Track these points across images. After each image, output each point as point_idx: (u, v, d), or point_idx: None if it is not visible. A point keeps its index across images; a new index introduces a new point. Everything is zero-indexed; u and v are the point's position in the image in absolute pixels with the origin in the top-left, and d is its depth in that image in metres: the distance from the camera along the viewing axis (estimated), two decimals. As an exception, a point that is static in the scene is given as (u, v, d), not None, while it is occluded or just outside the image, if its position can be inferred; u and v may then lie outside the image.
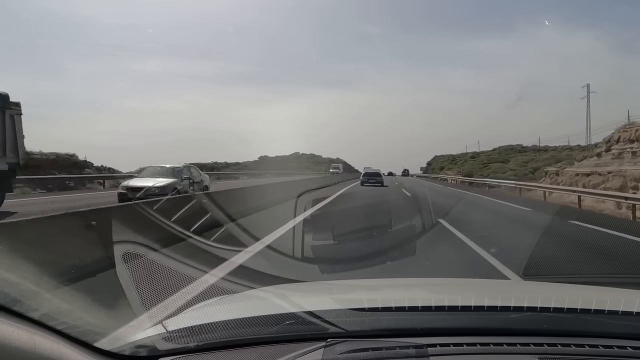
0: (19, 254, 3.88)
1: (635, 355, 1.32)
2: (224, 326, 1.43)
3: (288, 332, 1.41)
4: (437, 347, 1.31)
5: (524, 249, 6.68)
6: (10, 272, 1.48)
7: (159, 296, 3.82)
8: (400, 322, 1.51)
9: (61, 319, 1.22)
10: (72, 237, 5.31)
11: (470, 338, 1.37)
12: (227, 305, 2.00)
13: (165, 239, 6.22)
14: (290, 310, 1.53)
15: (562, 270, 5.97)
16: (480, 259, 6.55)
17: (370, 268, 5.41)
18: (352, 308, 1.56)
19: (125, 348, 1.31)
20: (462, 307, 1.59)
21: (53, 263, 4.55)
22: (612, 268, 6.31)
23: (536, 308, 1.52)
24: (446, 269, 6.02)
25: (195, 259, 5.42)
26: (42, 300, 1.37)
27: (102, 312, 2.52)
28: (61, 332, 1.15)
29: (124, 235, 5.05)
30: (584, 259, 7.06)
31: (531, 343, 1.35)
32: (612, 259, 7.07)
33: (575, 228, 10.68)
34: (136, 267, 3.54)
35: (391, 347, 1.31)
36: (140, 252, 4.00)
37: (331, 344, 1.32)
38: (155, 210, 6.82)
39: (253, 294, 2.28)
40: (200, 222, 7.60)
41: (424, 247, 7.02)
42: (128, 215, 6.52)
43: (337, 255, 6.48)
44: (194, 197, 8.93)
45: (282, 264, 6.03)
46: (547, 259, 6.51)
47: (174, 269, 4.46)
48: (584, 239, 9.11)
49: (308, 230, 8.50)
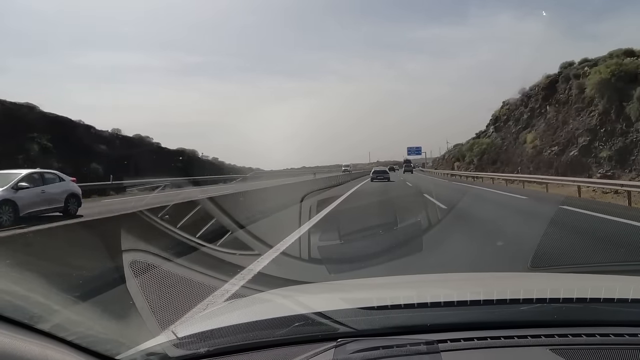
0: (27, 267, 3.90)
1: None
2: (234, 330, 1.44)
3: (298, 334, 1.41)
4: (447, 343, 1.31)
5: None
6: (19, 285, 1.49)
7: (168, 303, 3.83)
8: (410, 319, 1.50)
9: (71, 330, 1.22)
10: (79, 248, 5.33)
11: (480, 332, 1.37)
12: (236, 310, 2.00)
13: (173, 247, 6.25)
14: (299, 312, 1.53)
15: (569, 261, 5.94)
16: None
17: (377, 266, 5.40)
18: (361, 307, 1.56)
19: (136, 356, 1.31)
20: (471, 302, 1.59)
21: (61, 274, 4.57)
22: (620, 256, 6.27)
23: (545, 299, 1.51)
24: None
25: (198, 262, 5.43)
26: (52, 312, 1.37)
27: (112, 322, 2.54)
28: (72, 343, 1.16)
29: (131, 243, 5.06)
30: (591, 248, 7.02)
31: (542, 335, 1.34)
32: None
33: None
34: (145, 276, 3.55)
35: (402, 345, 1.31)
36: (149, 260, 4.01)
37: (342, 344, 1.32)
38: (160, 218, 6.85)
39: (261, 297, 2.29)
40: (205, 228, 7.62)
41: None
42: (134, 223, 6.54)
43: (344, 255, 6.48)
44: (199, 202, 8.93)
45: (290, 266, 6.04)
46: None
47: (182, 275, 4.47)
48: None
49: (314, 231, 8.49)
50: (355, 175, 47.97)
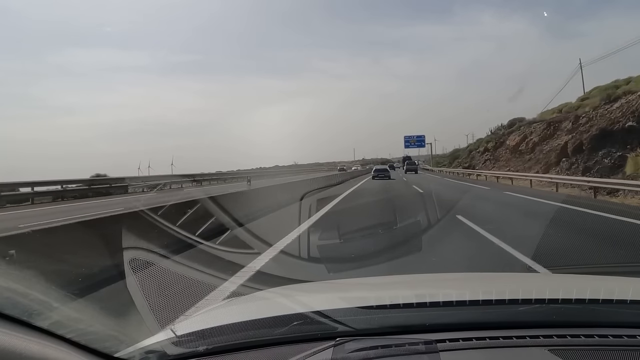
0: (26, 264, 3.90)
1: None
2: (232, 329, 1.44)
3: (297, 333, 1.41)
4: (446, 343, 1.31)
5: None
6: (18, 283, 1.49)
7: (167, 301, 3.83)
8: (409, 318, 1.51)
9: (71, 327, 1.23)
10: (79, 246, 5.33)
11: (479, 332, 1.37)
12: (235, 308, 2.00)
13: (171, 245, 6.25)
14: (298, 311, 1.53)
15: (570, 261, 5.95)
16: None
17: (377, 265, 5.40)
18: (360, 306, 1.56)
19: (135, 354, 1.31)
20: (470, 302, 1.59)
21: (61, 272, 4.58)
22: (619, 257, 6.27)
23: (544, 300, 1.51)
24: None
25: (197, 260, 5.43)
26: (51, 309, 1.37)
27: (111, 319, 2.53)
28: (70, 340, 1.16)
29: (131, 241, 5.07)
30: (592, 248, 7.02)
31: (540, 335, 1.34)
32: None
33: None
34: (144, 273, 3.56)
35: (400, 344, 1.31)
36: (148, 258, 4.01)
37: (340, 343, 1.33)
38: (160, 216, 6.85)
39: (260, 295, 2.29)
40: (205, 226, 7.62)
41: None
42: (134, 222, 6.54)
43: (343, 254, 6.48)
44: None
45: (289, 265, 6.04)
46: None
47: (181, 273, 4.47)
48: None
49: (314, 230, 8.49)
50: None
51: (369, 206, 15.00)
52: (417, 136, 59.74)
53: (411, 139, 59.60)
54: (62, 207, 17.82)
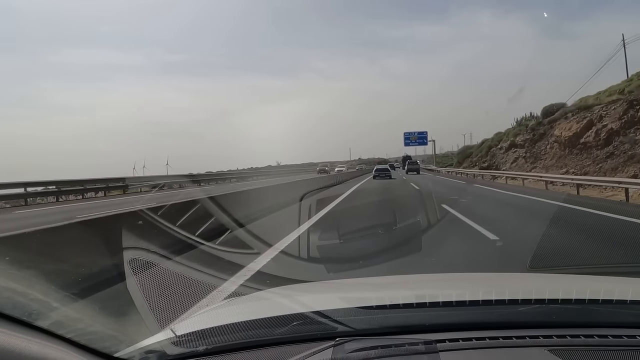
0: (26, 264, 3.90)
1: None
2: (232, 329, 1.44)
3: (297, 333, 1.41)
4: (446, 343, 1.31)
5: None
6: (18, 283, 1.49)
7: (167, 301, 3.83)
8: (409, 319, 1.51)
9: (70, 327, 1.23)
10: (79, 246, 5.33)
11: (479, 332, 1.37)
12: (235, 308, 2.00)
13: (171, 245, 6.25)
14: (298, 311, 1.53)
15: (568, 262, 5.94)
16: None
17: (377, 265, 5.40)
18: (360, 306, 1.56)
19: (134, 354, 1.31)
20: (469, 302, 1.59)
21: (60, 272, 4.57)
22: (619, 257, 6.27)
23: (544, 300, 1.51)
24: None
25: (197, 260, 5.42)
26: (51, 309, 1.37)
27: (111, 319, 2.54)
28: (70, 340, 1.16)
29: (131, 242, 5.07)
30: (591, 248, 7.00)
31: (540, 335, 1.34)
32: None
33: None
34: (144, 273, 3.56)
35: (400, 344, 1.31)
36: (148, 258, 4.01)
37: (340, 343, 1.33)
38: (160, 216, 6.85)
39: (260, 295, 2.29)
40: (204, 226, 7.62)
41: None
42: (133, 222, 6.54)
43: (342, 254, 6.47)
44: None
45: (289, 265, 6.04)
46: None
47: (181, 273, 4.47)
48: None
49: (314, 230, 8.48)
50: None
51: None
52: (419, 133, 54.24)
53: (411, 135, 54.26)
54: (62, 207, 17.81)
